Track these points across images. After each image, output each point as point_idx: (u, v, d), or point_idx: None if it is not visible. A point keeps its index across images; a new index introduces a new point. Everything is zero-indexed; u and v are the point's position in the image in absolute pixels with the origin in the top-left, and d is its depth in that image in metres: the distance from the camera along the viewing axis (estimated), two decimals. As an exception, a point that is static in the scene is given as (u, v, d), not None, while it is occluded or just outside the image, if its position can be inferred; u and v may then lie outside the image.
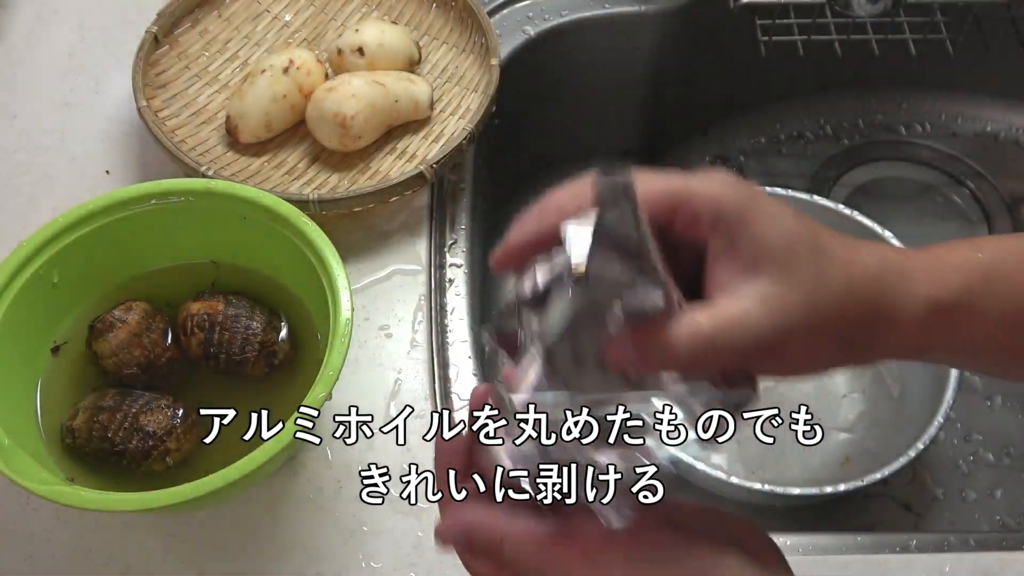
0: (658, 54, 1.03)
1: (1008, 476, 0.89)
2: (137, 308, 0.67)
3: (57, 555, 0.65)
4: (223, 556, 0.65)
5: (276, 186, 0.81)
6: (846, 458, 0.86)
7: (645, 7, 0.99)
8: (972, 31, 0.92)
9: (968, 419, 0.92)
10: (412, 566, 0.65)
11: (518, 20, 0.97)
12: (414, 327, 0.76)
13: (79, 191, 0.83)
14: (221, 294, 0.68)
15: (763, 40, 0.93)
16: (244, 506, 0.67)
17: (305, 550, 0.65)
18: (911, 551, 0.67)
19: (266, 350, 0.66)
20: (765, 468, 0.85)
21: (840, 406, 0.88)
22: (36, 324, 0.66)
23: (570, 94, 1.04)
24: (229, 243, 0.70)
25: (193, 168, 0.78)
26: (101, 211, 0.67)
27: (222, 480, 0.56)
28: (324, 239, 0.65)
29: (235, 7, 0.92)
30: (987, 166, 1.11)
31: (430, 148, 0.84)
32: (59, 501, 0.55)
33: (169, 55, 0.87)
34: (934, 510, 0.87)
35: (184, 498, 0.55)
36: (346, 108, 0.80)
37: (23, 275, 0.64)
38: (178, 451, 0.63)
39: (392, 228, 0.81)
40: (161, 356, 0.67)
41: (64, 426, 0.64)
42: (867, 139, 1.14)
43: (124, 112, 0.88)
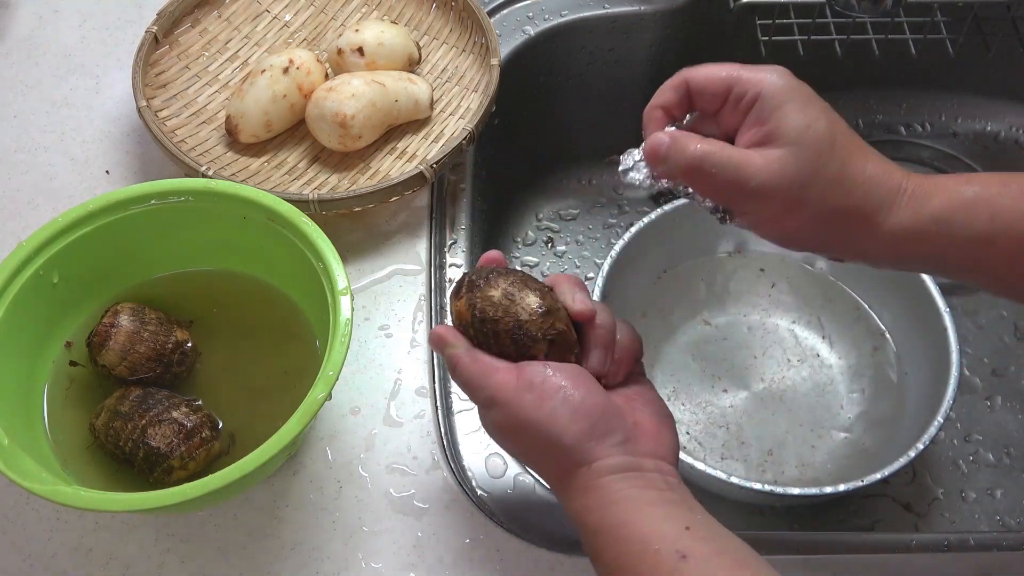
0: (658, 54, 1.03)
1: (1008, 476, 0.89)
2: (124, 308, 0.67)
3: (57, 555, 0.65)
4: (223, 556, 0.65)
5: (276, 186, 0.81)
6: (845, 458, 0.86)
7: (645, 7, 0.99)
8: (972, 31, 0.92)
9: (968, 419, 0.92)
10: (412, 566, 0.65)
11: (518, 20, 0.97)
12: (414, 327, 0.76)
13: (79, 191, 0.83)
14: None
15: (763, 40, 0.93)
16: (244, 506, 0.67)
17: (305, 550, 0.65)
18: (911, 551, 0.67)
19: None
20: (765, 468, 0.85)
21: (840, 406, 0.88)
22: (37, 324, 0.66)
23: (570, 94, 1.04)
24: (229, 243, 0.70)
25: (193, 168, 0.78)
26: (101, 211, 0.67)
27: (222, 480, 0.56)
28: (324, 239, 0.65)
29: (235, 7, 0.92)
30: (987, 166, 1.11)
31: (430, 148, 0.84)
32: (59, 501, 0.55)
33: (169, 55, 0.87)
34: (934, 510, 0.87)
35: (184, 498, 0.55)
36: (346, 108, 0.80)
37: (23, 275, 0.64)
38: (183, 469, 0.62)
39: (392, 228, 0.81)
40: (167, 343, 0.67)
41: (90, 423, 0.64)
42: (867, 139, 1.11)
43: (124, 112, 0.88)
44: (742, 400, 0.89)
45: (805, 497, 0.74)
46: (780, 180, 0.51)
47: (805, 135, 0.51)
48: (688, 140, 0.54)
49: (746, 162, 0.52)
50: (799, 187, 0.51)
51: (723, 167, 0.52)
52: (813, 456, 0.86)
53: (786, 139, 0.51)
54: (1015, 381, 0.95)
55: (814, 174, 0.51)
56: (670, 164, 0.54)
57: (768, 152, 0.52)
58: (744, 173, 0.52)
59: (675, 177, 0.55)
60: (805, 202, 0.52)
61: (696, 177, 0.54)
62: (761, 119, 0.52)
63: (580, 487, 0.53)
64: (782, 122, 0.52)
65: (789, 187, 0.51)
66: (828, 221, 0.53)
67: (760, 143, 0.52)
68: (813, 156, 0.51)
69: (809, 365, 0.90)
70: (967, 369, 0.95)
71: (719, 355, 0.91)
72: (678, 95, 0.56)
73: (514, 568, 0.65)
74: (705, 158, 0.53)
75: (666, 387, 0.90)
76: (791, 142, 0.51)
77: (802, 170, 0.51)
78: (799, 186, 0.51)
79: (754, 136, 0.53)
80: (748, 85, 0.53)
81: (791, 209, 0.52)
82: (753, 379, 0.90)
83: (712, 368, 0.91)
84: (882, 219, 0.52)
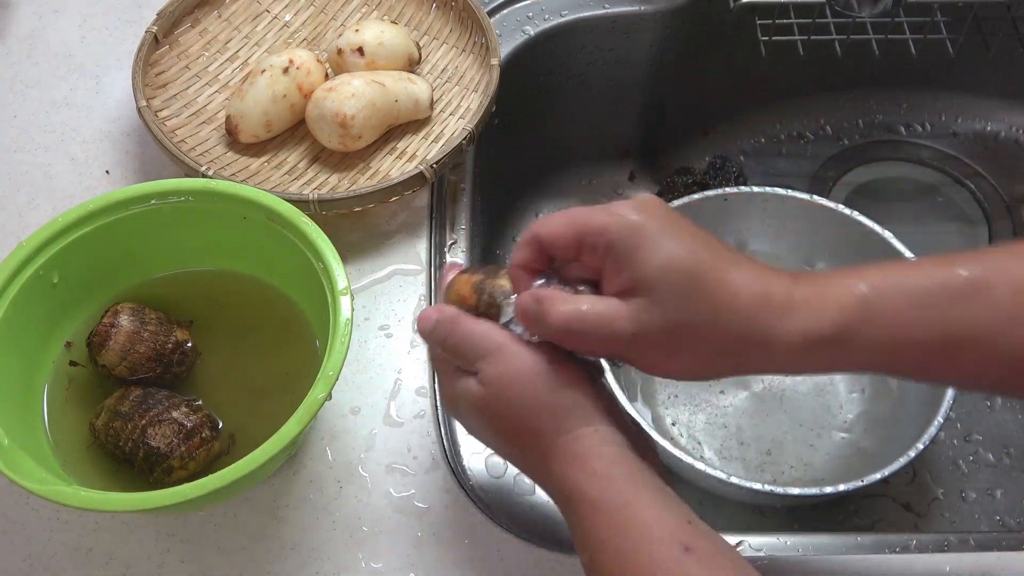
0: (658, 54, 1.03)
1: (1008, 476, 0.89)
2: (124, 308, 0.67)
3: (57, 555, 0.65)
4: (223, 556, 0.65)
5: (276, 186, 0.81)
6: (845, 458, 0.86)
7: (645, 7, 0.99)
8: (972, 31, 0.92)
9: (968, 419, 0.92)
10: (412, 566, 0.65)
11: (518, 20, 0.97)
12: (414, 327, 0.76)
13: (79, 191, 0.83)
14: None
15: (763, 40, 0.93)
16: (244, 506, 0.67)
17: (305, 550, 0.65)
18: (911, 551, 0.67)
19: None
20: (765, 468, 0.85)
21: (840, 406, 0.88)
22: (37, 324, 0.66)
23: (570, 94, 1.04)
24: (229, 243, 0.70)
25: (193, 168, 0.78)
26: (101, 211, 0.67)
27: (222, 480, 0.56)
28: (324, 239, 0.65)
29: (235, 7, 0.92)
30: (987, 166, 1.11)
31: (430, 148, 0.84)
32: (59, 501, 0.55)
33: (169, 55, 0.87)
34: (934, 510, 0.87)
35: (184, 498, 0.55)
36: (346, 108, 0.80)
37: (23, 275, 0.64)
38: (183, 469, 0.62)
39: (392, 228, 0.81)
40: (167, 343, 0.67)
41: (90, 423, 0.64)
42: (867, 139, 1.14)
43: (124, 112, 0.88)
44: (742, 400, 0.89)
45: (805, 497, 0.74)
46: (650, 329, 0.48)
47: (665, 279, 0.48)
48: (552, 304, 0.50)
49: (614, 316, 0.49)
50: (672, 334, 0.49)
51: (592, 328, 0.49)
52: (813, 456, 0.86)
53: (645, 286, 0.48)
54: (1015, 381, 0.95)
55: (685, 316, 0.48)
56: (540, 329, 0.51)
57: (633, 302, 0.49)
58: (615, 329, 0.49)
59: (552, 340, 0.51)
60: (684, 346, 0.49)
61: (571, 340, 0.51)
62: (619, 267, 0.49)
63: (581, 452, 0.50)
64: (638, 268, 0.49)
65: (659, 335, 0.49)
66: (716, 357, 0.50)
67: (624, 292, 0.49)
68: (678, 300, 0.48)
69: (809, 365, 0.90)
70: (967, 369, 0.95)
71: (719, 355, 0.91)
72: (533, 252, 0.52)
73: (514, 568, 0.65)
74: (571, 323, 0.49)
75: (666, 387, 0.90)
76: (651, 289, 0.48)
77: (670, 318, 0.48)
78: (671, 333, 0.49)
79: (617, 285, 0.50)
80: (597, 236, 0.49)
81: (673, 353, 0.50)
82: (753, 379, 0.90)
83: (712, 368, 0.90)
84: (774, 343, 0.48)
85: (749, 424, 0.88)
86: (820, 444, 0.86)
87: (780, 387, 0.89)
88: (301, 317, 0.70)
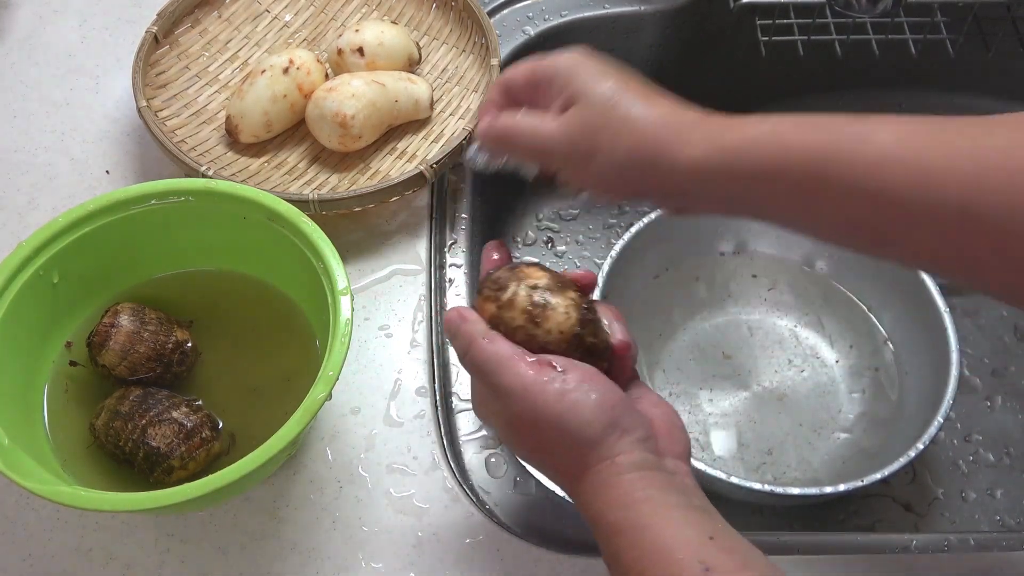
0: (658, 54, 1.03)
1: (1008, 476, 0.89)
2: (124, 309, 0.67)
3: (57, 555, 0.65)
4: (223, 556, 0.65)
5: (276, 186, 0.81)
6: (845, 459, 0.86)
7: (645, 7, 0.99)
8: (972, 31, 0.92)
9: (968, 419, 0.92)
10: (412, 566, 0.65)
11: (518, 20, 0.97)
12: (414, 327, 0.76)
13: (79, 191, 0.83)
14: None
15: (763, 40, 0.93)
16: (244, 506, 0.67)
17: (305, 550, 0.65)
18: (911, 551, 0.67)
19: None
20: (765, 468, 0.85)
21: (840, 406, 0.88)
22: (37, 324, 0.66)
23: (570, 94, 1.04)
24: (229, 243, 0.70)
25: (193, 168, 0.78)
26: (101, 211, 0.67)
27: (222, 480, 0.56)
28: (324, 239, 0.65)
29: (235, 7, 0.92)
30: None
31: (430, 148, 0.84)
32: (59, 501, 0.55)
33: (169, 55, 0.87)
34: (934, 510, 0.87)
35: (184, 498, 0.55)
36: (346, 108, 0.80)
37: (23, 275, 0.64)
38: (183, 469, 0.63)
39: (392, 228, 0.81)
40: (167, 343, 0.67)
41: (90, 423, 0.64)
42: None
43: (124, 112, 0.88)
44: (742, 400, 0.89)
45: (805, 497, 0.74)
46: (571, 134, 0.57)
47: (591, 91, 0.56)
48: (499, 119, 0.61)
49: (542, 126, 0.58)
50: (590, 136, 0.56)
51: (524, 133, 0.59)
52: (813, 456, 0.86)
53: (574, 99, 0.57)
54: (1015, 381, 0.95)
55: (602, 120, 0.56)
56: (489, 139, 0.62)
57: (566, 114, 0.57)
58: (541, 134, 0.58)
59: (497, 151, 0.63)
60: (599, 149, 0.56)
61: (510, 148, 0.61)
62: (559, 89, 0.58)
63: (599, 484, 0.52)
64: (571, 88, 0.57)
65: (580, 138, 0.56)
66: (626, 163, 0.55)
67: (562, 109, 0.58)
68: (598, 106, 0.56)
69: (809, 365, 0.90)
70: (967, 369, 0.95)
71: (719, 355, 0.91)
72: (499, 94, 0.62)
73: (514, 568, 0.65)
74: (508, 128, 0.60)
75: (666, 387, 0.90)
76: (582, 97, 0.57)
77: (587, 121, 0.56)
78: (589, 135, 0.56)
79: (557, 105, 0.58)
80: (545, 70, 0.59)
81: (590, 156, 0.56)
82: (753, 379, 0.90)
83: (712, 368, 0.91)
84: (676, 154, 0.54)
85: (749, 424, 0.88)
86: (820, 444, 0.86)
87: (780, 387, 0.89)
88: (301, 317, 0.70)
